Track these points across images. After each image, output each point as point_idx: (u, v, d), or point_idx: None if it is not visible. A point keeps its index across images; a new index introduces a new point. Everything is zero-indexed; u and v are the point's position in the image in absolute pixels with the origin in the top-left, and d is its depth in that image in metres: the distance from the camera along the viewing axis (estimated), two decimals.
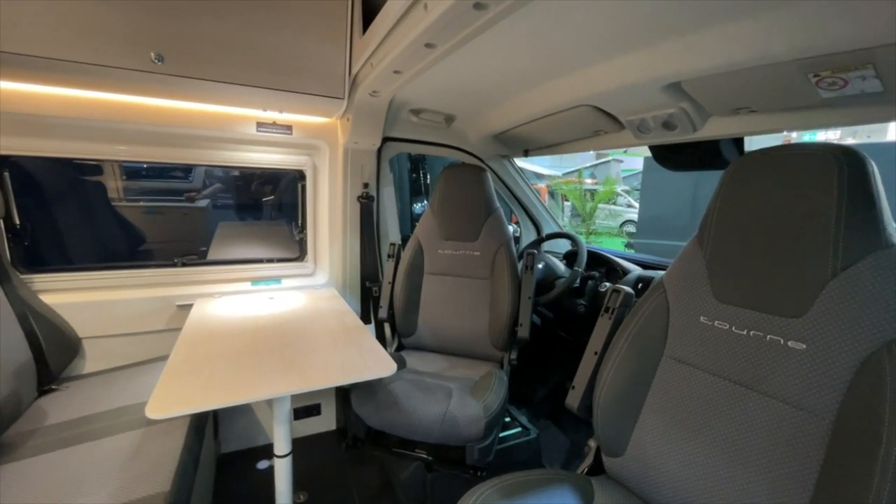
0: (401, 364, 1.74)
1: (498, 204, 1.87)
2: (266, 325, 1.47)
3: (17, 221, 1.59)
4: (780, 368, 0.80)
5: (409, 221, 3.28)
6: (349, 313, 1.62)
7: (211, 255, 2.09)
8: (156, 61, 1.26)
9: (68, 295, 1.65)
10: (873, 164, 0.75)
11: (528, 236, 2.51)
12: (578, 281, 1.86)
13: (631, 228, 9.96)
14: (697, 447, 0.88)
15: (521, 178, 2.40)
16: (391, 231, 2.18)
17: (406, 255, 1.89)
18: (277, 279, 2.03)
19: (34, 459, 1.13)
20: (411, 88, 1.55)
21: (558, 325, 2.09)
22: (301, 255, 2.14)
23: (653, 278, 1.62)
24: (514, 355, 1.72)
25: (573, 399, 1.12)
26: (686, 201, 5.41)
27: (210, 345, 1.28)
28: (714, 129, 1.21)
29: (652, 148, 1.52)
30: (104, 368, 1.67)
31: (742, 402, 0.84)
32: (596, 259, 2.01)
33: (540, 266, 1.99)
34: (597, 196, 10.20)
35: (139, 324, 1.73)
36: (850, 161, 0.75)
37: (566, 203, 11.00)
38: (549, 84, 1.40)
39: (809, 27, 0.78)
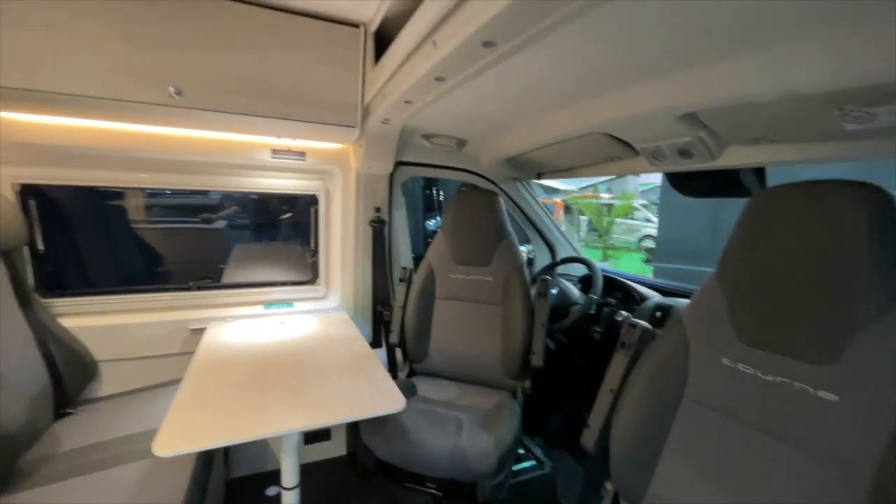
0: (411, 391, 1.71)
1: (510, 228, 1.84)
2: (275, 353, 1.47)
3: (42, 247, 1.64)
4: (811, 419, 0.74)
5: (422, 238, 3.28)
6: (359, 339, 1.61)
7: (226, 278, 2.12)
8: (174, 95, 1.29)
9: (86, 319, 1.68)
10: None
11: (543, 258, 2.47)
12: (594, 307, 1.81)
13: (650, 243, 9.75)
14: (721, 499, 0.82)
15: (534, 201, 2.38)
16: (403, 255, 2.17)
17: (418, 280, 1.88)
18: (290, 302, 2.03)
19: (46, 489, 1.14)
20: (423, 115, 1.56)
21: (573, 352, 2.03)
22: (313, 278, 2.14)
23: (671, 306, 1.57)
24: (527, 384, 1.67)
25: (588, 439, 1.08)
26: (705, 224, 5.18)
27: (219, 375, 1.28)
28: (733, 158, 1.17)
29: (668, 173, 1.49)
30: (119, 392, 1.68)
31: (770, 453, 0.79)
32: (612, 284, 1.96)
33: (554, 291, 1.95)
34: (613, 211, 10.09)
35: (153, 347, 1.75)
36: (880, 200, 0.71)
37: (582, 218, 10.91)
38: (561, 111, 1.39)
39: (833, 60, 0.74)
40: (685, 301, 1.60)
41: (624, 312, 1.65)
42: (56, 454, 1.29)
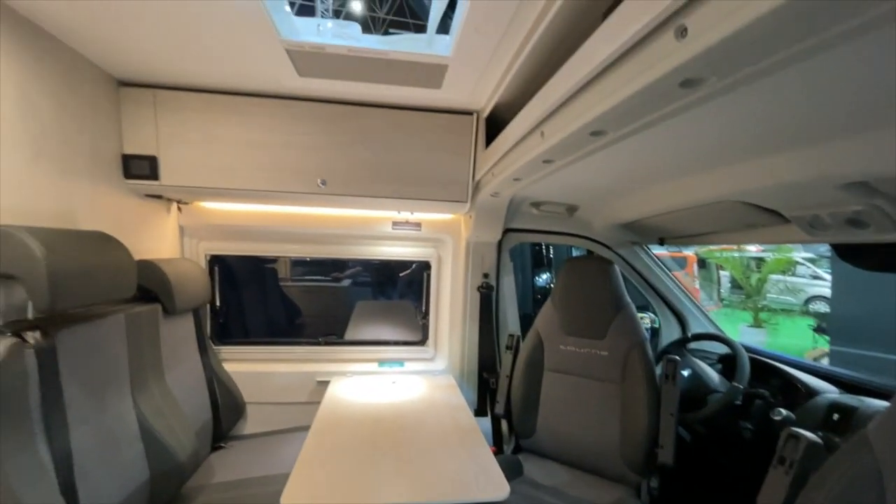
0: (517, 470, 1.60)
1: (629, 299, 1.69)
2: (386, 415, 1.55)
3: (218, 303, 2.04)
4: None
5: (530, 294, 3.20)
6: (464, 409, 1.60)
7: (348, 334, 2.36)
8: (321, 185, 1.59)
9: (240, 365, 2.00)
10: None
11: (669, 331, 2.18)
12: (740, 398, 1.50)
13: (821, 307, 7.80)
14: None
15: (657, 266, 2.16)
16: (510, 321, 2.14)
17: (525, 349, 1.81)
18: (401, 362, 2.14)
19: None
20: (532, 187, 1.59)
21: (715, 448, 1.69)
22: (423, 340, 2.24)
23: (856, 409, 1.22)
24: (654, 483, 1.44)
25: None
26: None
27: (337, 433, 1.40)
28: None
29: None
30: (258, 431, 1.94)
31: None
32: (763, 368, 1.62)
33: (685, 373, 1.69)
34: (766, 266, 8.39)
35: (287, 395, 1.99)
36: None
37: (723, 273, 9.34)
38: (686, 178, 1.27)
39: None
40: (875, 402, 1.23)
41: (783, 411, 1.33)
42: (209, 485, 1.51)
